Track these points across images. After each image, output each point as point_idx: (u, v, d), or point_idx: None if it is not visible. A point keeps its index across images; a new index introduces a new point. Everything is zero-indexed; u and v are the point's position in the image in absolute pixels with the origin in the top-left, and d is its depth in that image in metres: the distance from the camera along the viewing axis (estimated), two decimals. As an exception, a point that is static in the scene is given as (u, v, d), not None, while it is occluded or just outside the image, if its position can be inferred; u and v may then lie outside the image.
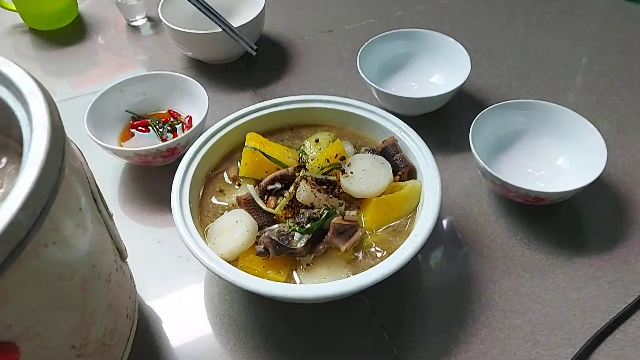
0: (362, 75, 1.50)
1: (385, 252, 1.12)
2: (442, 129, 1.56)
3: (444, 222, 1.33)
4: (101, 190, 0.99)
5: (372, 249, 1.13)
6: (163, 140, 1.49)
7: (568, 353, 1.07)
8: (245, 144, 1.25)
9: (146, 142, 1.50)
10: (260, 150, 1.22)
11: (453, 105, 1.59)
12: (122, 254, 1.04)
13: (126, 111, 1.55)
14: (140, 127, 1.54)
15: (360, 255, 1.13)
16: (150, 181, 1.46)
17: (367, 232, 1.16)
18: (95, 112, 1.47)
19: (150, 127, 1.53)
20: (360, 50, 1.58)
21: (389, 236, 1.16)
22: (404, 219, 1.18)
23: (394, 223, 1.18)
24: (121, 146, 1.49)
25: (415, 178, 1.24)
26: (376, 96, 1.53)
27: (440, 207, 1.12)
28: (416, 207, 1.19)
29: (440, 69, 1.62)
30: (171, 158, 1.40)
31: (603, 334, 1.10)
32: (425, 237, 1.07)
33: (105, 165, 1.50)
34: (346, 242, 1.10)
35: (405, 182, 1.22)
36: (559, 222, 1.31)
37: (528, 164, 1.39)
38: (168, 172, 1.25)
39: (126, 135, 1.53)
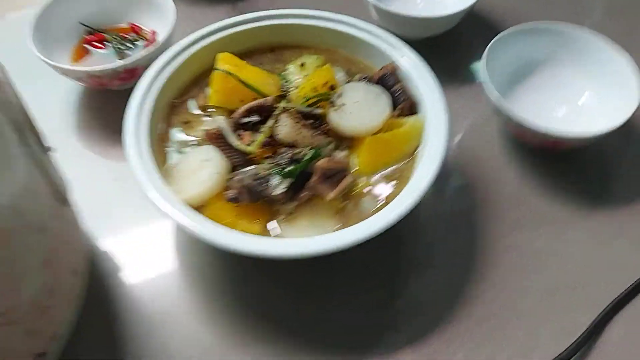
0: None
1: (380, 202, 0.96)
2: (450, 55, 1.37)
3: (448, 165, 1.16)
4: (50, 118, 0.81)
5: (365, 198, 0.97)
6: (121, 58, 1.28)
7: (588, 317, 0.94)
8: (216, 66, 1.05)
9: (103, 60, 1.29)
10: (233, 75, 1.03)
11: (462, 27, 1.39)
12: (61, 198, 0.87)
13: (80, 23, 1.33)
14: (95, 43, 1.32)
15: (351, 204, 0.96)
16: (108, 108, 1.28)
17: (359, 177, 0.99)
18: (42, 24, 1.25)
19: (107, 43, 1.32)
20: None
21: (384, 183, 1.00)
22: (402, 163, 1.02)
23: (390, 168, 1.01)
24: (74, 63, 1.28)
25: (416, 113, 1.06)
26: (374, 13, 1.32)
27: (446, 150, 0.95)
28: (416, 149, 1.02)
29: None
30: (131, 81, 1.20)
31: (628, 296, 0.97)
32: (426, 186, 0.91)
33: (56, 88, 1.30)
34: (334, 189, 0.94)
35: (405, 118, 1.04)
36: (581, 169, 1.16)
37: (548, 100, 1.22)
38: (129, 95, 1.06)
39: (80, 53, 1.32)
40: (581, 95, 1.21)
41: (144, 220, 1.09)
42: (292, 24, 1.17)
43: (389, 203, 0.93)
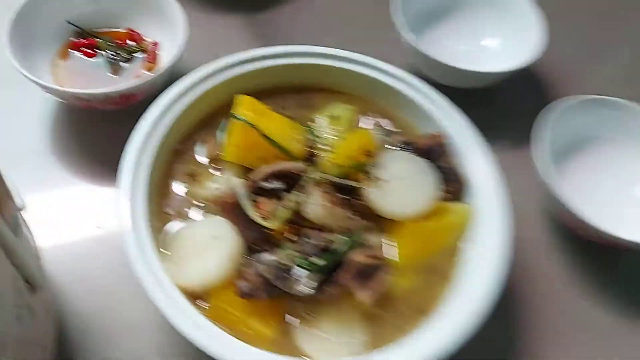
0: (397, 19, 1.11)
1: (417, 310, 0.81)
2: (490, 113, 1.21)
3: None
4: (23, 136, 0.66)
5: (400, 303, 0.82)
6: (114, 71, 1.09)
7: None
8: (235, 113, 0.87)
9: (89, 71, 1.10)
10: (256, 128, 0.85)
11: (510, 84, 1.23)
12: (32, 285, 0.68)
13: (67, 22, 1.12)
14: (84, 49, 1.12)
15: (383, 309, 0.81)
16: (94, 130, 1.08)
17: (397, 271, 0.83)
18: (23, 21, 1.04)
19: (98, 51, 1.12)
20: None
21: (424, 280, 0.84)
22: (446, 257, 0.87)
23: (432, 262, 0.86)
24: (57, 67, 1.08)
25: (465, 198, 0.90)
26: (408, 49, 1.15)
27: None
28: (462, 241, 0.87)
29: (500, 31, 1.25)
30: (125, 106, 1.01)
31: None
32: (487, 307, 0.76)
33: (32, 96, 1.09)
34: (368, 289, 0.78)
35: (454, 203, 0.89)
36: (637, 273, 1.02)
37: (603, 183, 1.08)
38: (120, 119, 0.90)
39: (65, 55, 1.11)
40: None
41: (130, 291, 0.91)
42: (323, 65, 1.00)
43: (429, 314, 0.78)
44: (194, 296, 0.78)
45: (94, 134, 1.08)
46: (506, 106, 1.24)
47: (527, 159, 1.12)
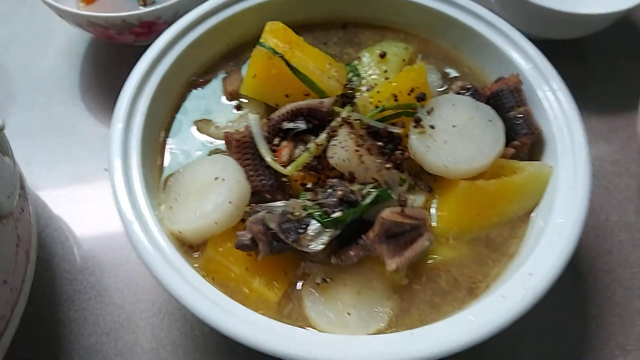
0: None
1: (464, 288, 0.65)
2: (587, 70, 1.03)
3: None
4: (48, 71, 0.75)
5: (442, 276, 0.66)
6: (144, 3, 1.00)
7: None
8: (261, 40, 0.75)
9: (120, 4, 1.01)
10: (282, 57, 0.72)
11: (608, 37, 1.04)
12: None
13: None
14: (117, -21, 1.04)
15: (419, 283, 0.66)
16: (117, 67, 0.99)
17: (440, 238, 0.68)
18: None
19: (131, -18, 1.04)
20: None
21: (474, 252, 0.69)
22: (506, 227, 0.70)
23: (487, 232, 0.69)
24: (87, 4, 1.01)
25: (539, 156, 0.73)
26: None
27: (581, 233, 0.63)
28: (533, 210, 0.70)
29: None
30: (148, 37, 0.91)
31: None
32: (546, 288, 0.60)
33: (61, 33, 1.03)
34: (399, 254, 0.63)
35: (523, 162, 0.72)
36: None
37: None
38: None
39: (97, -14, 1.04)
40: None
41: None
42: (379, -7, 0.86)
43: (478, 294, 0.62)
44: (189, 247, 0.67)
45: (117, 71, 0.99)
46: (603, 65, 1.06)
47: (626, 128, 0.94)
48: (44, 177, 0.90)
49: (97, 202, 0.87)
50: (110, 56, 1.02)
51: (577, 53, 1.06)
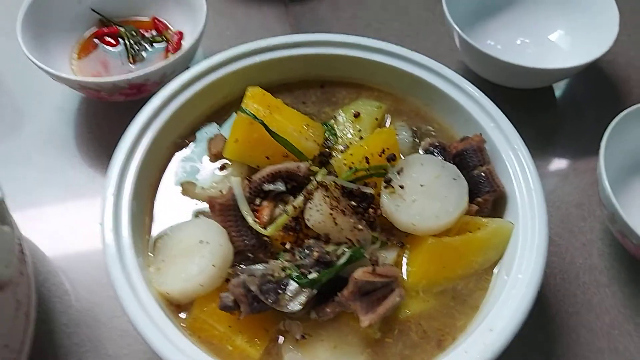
0: (446, 12, 1.02)
1: (432, 341, 0.71)
2: (549, 118, 1.10)
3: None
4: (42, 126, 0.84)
5: (412, 329, 0.72)
6: (133, 61, 1.06)
7: None
8: (242, 105, 0.81)
9: (110, 61, 1.08)
10: (262, 123, 0.78)
11: (577, 83, 1.10)
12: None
13: (92, 10, 1.11)
14: (107, 38, 1.10)
15: (391, 337, 0.71)
16: (109, 122, 1.05)
17: (410, 292, 0.74)
18: (39, 8, 1.03)
19: (121, 40, 1.10)
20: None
21: (442, 305, 0.75)
22: (472, 279, 0.76)
23: (454, 285, 0.75)
24: (79, 59, 1.07)
25: (501, 212, 0.80)
26: (459, 48, 1.05)
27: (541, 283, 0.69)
28: (497, 263, 0.76)
29: (567, 23, 1.12)
30: (138, 96, 0.97)
31: None
32: (506, 340, 0.65)
33: (55, 91, 1.08)
34: (372, 312, 0.69)
35: (486, 218, 0.78)
36: None
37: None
38: (134, 112, 0.85)
39: (88, 46, 1.10)
40: None
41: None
42: (350, 56, 0.92)
43: (445, 348, 0.68)
44: (176, 306, 0.73)
45: (109, 127, 1.05)
46: (570, 110, 1.12)
47: (592, 172, 1.00)
48: (42, 230, 0.95)
49: (94, 253, 0.92)
50: (102, 112, 1.07)
51: (546, 99, 1.11)
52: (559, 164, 1.05)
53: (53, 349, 0.83)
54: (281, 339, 0.72)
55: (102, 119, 1.06)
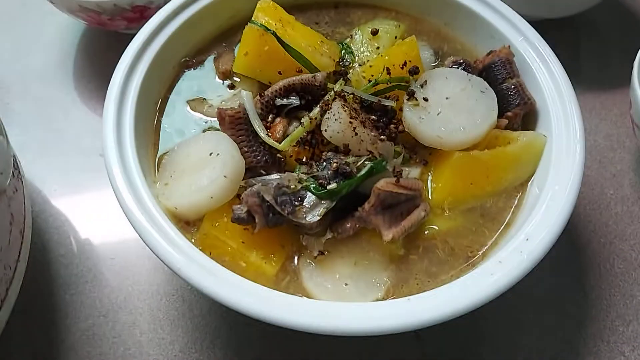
0: None
1: (460, 257, 0.66)
2: (579, 48, 1.04)
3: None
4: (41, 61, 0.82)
5: (439, 246, 0.67)
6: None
7: None
8: (253, 18, 0.75)
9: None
10: (274, 34, 0.73)
11: (600, 15, 1.06)
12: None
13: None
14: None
15: (416, 253, 0.66)
16: (110, 55, 0.99)
17: (435, 209, 0.68)
18: None
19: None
20: None
21: (470, 222, 0.70)
22: (502, 197, 0.70)
23: (482, 202, 0.70)
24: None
25: (533, 127, 0.74)
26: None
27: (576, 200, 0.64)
28: (529, 180, 0.71)
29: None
30: (140, 23, 0.91)
31: None
32: (543, 251, 0.60)
33: (54, 23, 1.03)
34: (395, 225, 0.64)
35: (517, 132, 0.72)
36: None
37: None
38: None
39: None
40: None
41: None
42: (368, -28, 0.86)
43: (475, 264, 0.63)
44: (186, 223, 0.67)
45: (112, 58, 0.99)
46: (595, 42, 1.07)
47: (619, 103, 0.95)
48: (39, 165, 0.90)
49: (92, 188, 0.88)
50: (102, 45, 1.03)
51: (569, 32, 1.07)
52: (584, 95, 1.00)
53: (50, 279, 0.79)
54: (297, 256, 0.67)
55: (104, 50, 1.02)
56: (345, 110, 0.68)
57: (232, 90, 0.79)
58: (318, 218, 0.63)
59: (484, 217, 0.70)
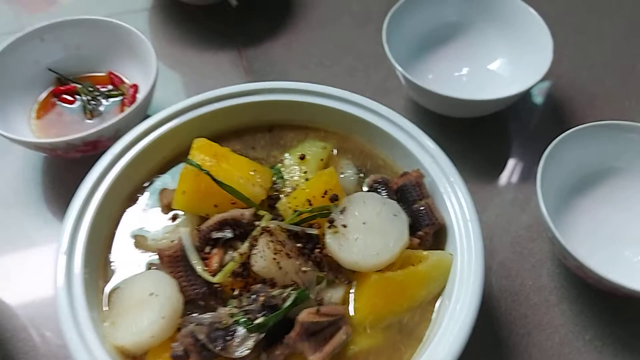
0: (387, 51, 1.06)
1: (382, 376, 0.73)
2: (495, 143, 1.14)
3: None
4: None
5: (361, 366, 0.74)
6: (91, 116, 1.10)
7: None
8: (189, 157, 0.84)
9: (69, 118, 1.11)
10: (208, 173, 0.81)
11: (522, 109, 1.15)
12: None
13: (49, 69, 1.14)
14: (65, 96, 1.13)
15: (341, 373, 0.74)
16: (73, 178, 1.06)
17: (358, 327, 0.76)
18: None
19: (78, 97, 1.13)
20: (393, 9, 1.13)
21: (389, 339, 0.78)
22: (417, 312, 0.79)
23: (400, 318, 0.78)
24: (38, 119, 1.10)
25: (443, 243, 0.83)
26: (403, 83, 1.09)
27: (479, 311, 0.72)
28: (440, 294, 0.79)
29: (506, 51, 1.17)
30: (95, 151, 1.00)
31: None
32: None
33: (17, 150, 1.10)
34: (320, 351, 0.72)
35: (427, 250, 0.81)
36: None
37: (619, 227, 0.97)
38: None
39: (46, 105, 1.13)
40: None
41: None
42: (295, 101, 0.96)
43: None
44: (132, 358, 0.75)
45: (71, 182, 1.07)
46: (517, 135, 1.16)
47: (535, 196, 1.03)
48: (7, 288, 0.97)
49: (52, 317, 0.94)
50: (63, 168, 1.08)
51: (492, 125, 1.15)
52: (507, 187, 1.08)
53: None
54: (234, 385, 0.74)
55: (64, 175, 1.09)
56: (269, 247, 0.76)
57: (175, 222, 0.87)
58: (248, 351, 0.71)
59: (401, 333, 0.78)
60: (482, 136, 1.13)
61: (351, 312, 0.79)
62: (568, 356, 0.89)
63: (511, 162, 1.12)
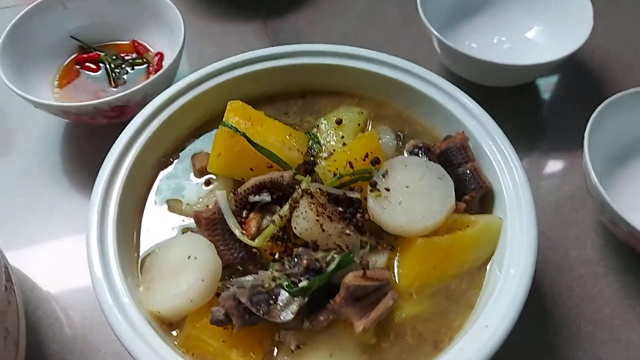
0: (422, 16, 1.02)
1: (429, 343, 0.70)
2: (530, 114, 1.10)
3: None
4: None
5: (408, 332, 0.71)
6: (115, 85, 1.06)
7: None
8: (223, 120, 0.80)
9: (92, 86, 1.08)
10: (244, 135, 0.78)
11: (558, 78, 1.10)
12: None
13: (71, 37, 1.11)
14: (89, 64, 1.10)
15: (387, 341, 0.70)
16: (94, 146, 1.05)
17: (403, 294, 0.73)
18: (19, 36, 1.03)
19: (102, 65, 1.10)
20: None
21: (437, 306, 0.74)
22: (465, 279, 0.75)
23: (447, 285, 0.75)
24: (61, 88, 1.07)
25: (491, 208, 0.79)
26: (439, 50, 1.05)
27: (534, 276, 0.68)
28: (489, 260, 0.75)
29: (543, 20, 1.13)
30: (122, 118, 0.97)
31: None
32: (501, 336, 0.64)
33: (39, 119, 1.08)
34: (366, 314, 0.68)
35: (474, 215, 0.77)
36: None
37: None
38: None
39: (69, 73, 1.10)
40: None
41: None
42: (329, 64, 0.92)
43: (442, 348, 0.67)
44: (168, 324, 0.71)
45: (95, 151, 1.04)
46: (554, 105, 1.12)
47: (579, 165, 1.00)
48: (31, 258, 0.94)
49: (84, 278, 0.91)
50: (87, 137, 1.07)
51: (528, 96, 1.11)
52: (546, 158, 1.05)
53: (46, 378, 0.82)
54: (276, 350, 0.70)
55: (88, 144, 1.06)
56: (311, 209, 0.72)
57: (209, 187, 0.84)
58: (292, 316, 0.67)
59: (449, 299, 0.74)
60: (518, 106, 1.09)
61: (396, 279, 0.75)
62: (620, 328, 0.85)
63: (548, 133, 1.08)
